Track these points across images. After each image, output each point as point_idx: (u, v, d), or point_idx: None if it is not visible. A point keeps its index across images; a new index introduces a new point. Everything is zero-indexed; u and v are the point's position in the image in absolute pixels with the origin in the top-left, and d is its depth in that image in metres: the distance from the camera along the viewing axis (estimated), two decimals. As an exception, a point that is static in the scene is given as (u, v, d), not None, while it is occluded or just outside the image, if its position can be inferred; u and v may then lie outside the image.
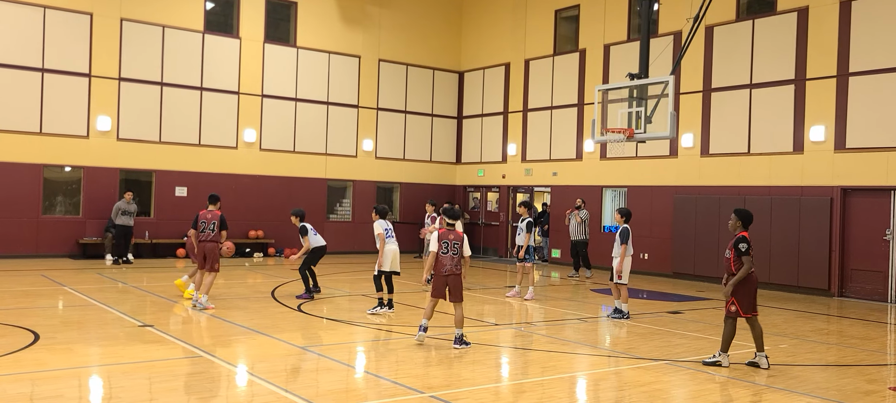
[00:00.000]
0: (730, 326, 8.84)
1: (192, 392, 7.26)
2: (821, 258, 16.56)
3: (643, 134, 14.99)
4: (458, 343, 9.48)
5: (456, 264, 9.45)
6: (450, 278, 9.46)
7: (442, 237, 9.50)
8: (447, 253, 9.43)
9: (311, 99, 23.63)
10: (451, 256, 9.43)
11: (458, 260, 9.46)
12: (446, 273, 9.45)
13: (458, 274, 9.48)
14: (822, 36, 16.85)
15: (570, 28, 23.22)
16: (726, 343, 8.86)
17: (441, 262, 9.45)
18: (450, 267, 9.44)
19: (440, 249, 9.46)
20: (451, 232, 9.54)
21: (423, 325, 9.68)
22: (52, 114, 19.56)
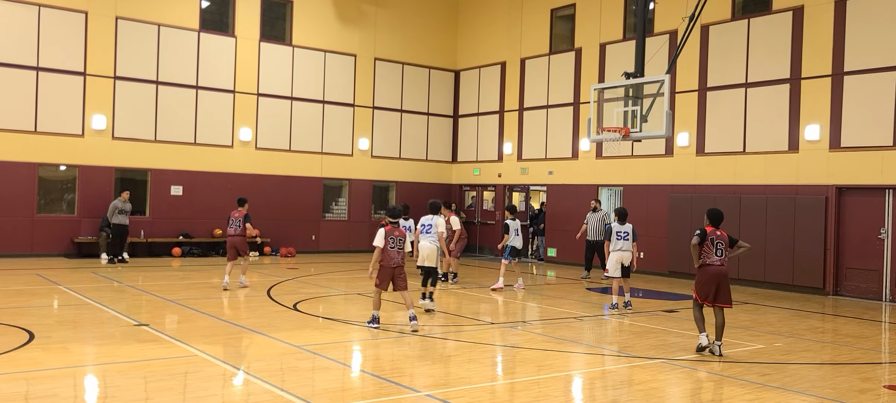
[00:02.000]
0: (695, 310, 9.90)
1: (188, 392, 7.25)
2: (816, 257, 16.61)
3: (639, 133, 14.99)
4: (414, 319, 10.48)
5: (401, 257, 10.51)
6: (396, 270, 10.49)
7: (388, 233, 10.48)
8: (393, 247, 10.45)
9: (307, 97, 23.61)
10: (397, 251, 10.45)
11: (403, 254, 10.52)
12: (394, 265, 10.46)
13: (403, 265, 10.54)
14: (818, 35, 16.89)
15: (565, 27, 23.23)
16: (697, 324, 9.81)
17: (389, 256, 10.42)
18: (397, 261, 10.45)
19: (387, 244, 10.43)
20: (396, 229, 10.58)
21: (375, 316, 10.63)
22: (47, 113, 19.51)
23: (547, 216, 23.37)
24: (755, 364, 9.06)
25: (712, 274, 9.60)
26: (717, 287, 9.56)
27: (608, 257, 13.58)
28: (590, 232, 18.92)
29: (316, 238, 23.76)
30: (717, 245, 9.62)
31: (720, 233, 9.72)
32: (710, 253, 9.58)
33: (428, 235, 12.50)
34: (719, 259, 9.62)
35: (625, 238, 13.38)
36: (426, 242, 12.49)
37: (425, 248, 12.48)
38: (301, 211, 23.44)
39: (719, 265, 9.60)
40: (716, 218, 9.78)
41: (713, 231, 9.68)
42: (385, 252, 10.40)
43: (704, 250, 9.61)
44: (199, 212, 21.70)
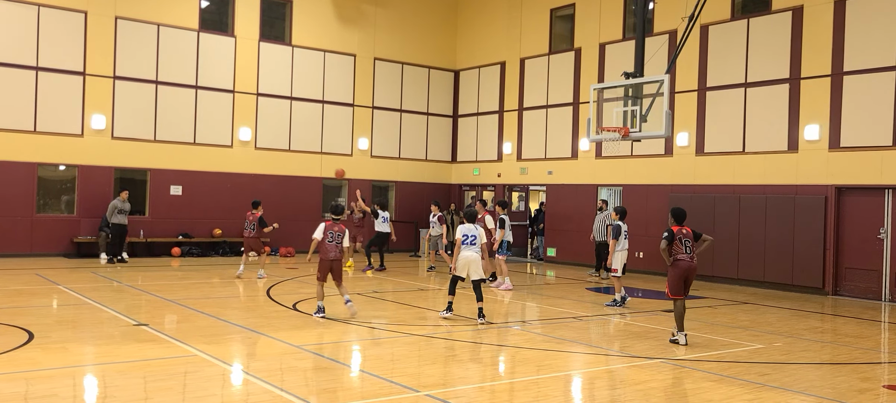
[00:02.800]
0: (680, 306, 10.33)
1: (188, 392, 7.25)
2: (815, 256, 16.61)
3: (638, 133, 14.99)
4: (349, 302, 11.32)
5: (339, 251, 11.22)
6: (334, 263, 11.24)
7: (328, 228, 11.22)
8: (332, 242, 11.21)
9: (307, 97, 23.60)
10: (335, 245, 11.21)
11: (340, 248, 11.24)
12: (331, 258, 11.20)
13: (340, 259, 11.26)
14: (817, 35, 16.89)
15: (565, 27, 23.23)
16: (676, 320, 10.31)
17: (326, 249, 11.20)
18: (335, 254, 11.21)
19: (326, 239, 11.19)
20: (336, 224, 11.33)
21: (320, 306, 11.33)
22: (47, 113, 19.50)
23: (546, 216, 23.37)
24: (754, 364, 9.06)
25: (684, 269, 10.19)
26: (685, 280, 10.24)
27: (614, 256, 13.70)
28: (596, 232, 18.94)
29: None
30: (685, 242, 10.25)
31: (686, 231, 10.33)
32: (680, 250, 10.19)
33: (472, 246, 11.40)
34: (688, 255, 10.24)
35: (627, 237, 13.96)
36: (469, 252, 11.37)
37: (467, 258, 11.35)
38: (300, 210, 23.42)
39: (690, 260, 10.23)
40: (680, 217, 10.40)
41: (679, 229, 10.27)
42: (322, 245, 11.19)
43: (674, 248, 10.19)
44: (199, 212, 21.70)
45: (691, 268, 10.22)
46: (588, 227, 20.64)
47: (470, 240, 11.41)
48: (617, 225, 13.81)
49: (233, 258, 21.32)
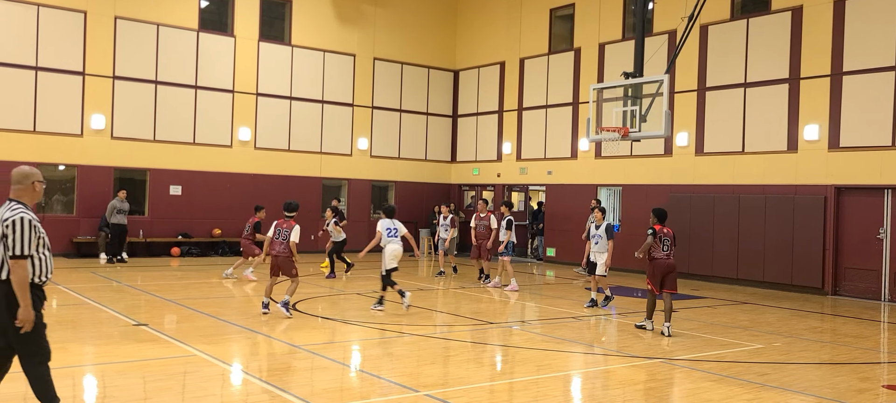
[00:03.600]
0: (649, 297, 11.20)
1: (187, 392, 7.25)
2: (815, 256, 16.61)
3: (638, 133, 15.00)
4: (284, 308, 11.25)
5: (284, 247, 11.32)
6: (279, 258, 11.38)
7: (277, 225, 11.51)
8: (277, 238, 11.44)
9: (306, 97, 23.60)
10: (280, 241, 11.37)
11: (286, 244, 11.31)
12: (276, 254, 11.38)
13: (286, 255, 11.34)
14: (816, 35, 16.89)
15: (564, 27, 23.24)
16: (647, 310, 11.22)
17: (272, 246, 11.46)
18: (278, 250, 11.36)
19: (274, 235, 11.48)
20: (285, 221, 11.51)
21: (265, 302, 11.50)
22: (46, 113, 19.50)
23: (546, 216, 23.37)
24: (754, 364, 9.06)
25: (660, 267, 10.91)
26: (663, 276, 10.89)
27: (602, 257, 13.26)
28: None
29: (315, 238, 23.73)
30: (664, 241, 10.94)
31: (667, 231, 11.03)
32: (657, 249, 10.90)
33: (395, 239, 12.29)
34: (665, 253, 10.92)
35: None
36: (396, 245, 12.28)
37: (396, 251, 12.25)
38: (300, 211, 23.27)
39: (666, 258, 10.92)
40: (663, 217, 11.12)
41: (661, 228, 10.97)
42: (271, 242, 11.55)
43: (654, 246, 10.90)
44: (198, 212, 21.69)
45: (669, 266, 10.90)
46: (587, 227, 20.62)
47: (393, 233, 12.41)
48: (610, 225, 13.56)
49: (232, 258, 21.32)
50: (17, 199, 5.64)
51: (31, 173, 5.79)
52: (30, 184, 5.75)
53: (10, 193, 5.68)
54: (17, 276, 5.35)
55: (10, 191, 5.69)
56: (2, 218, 5.49)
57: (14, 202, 5.62)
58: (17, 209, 5.53)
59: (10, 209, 5.53)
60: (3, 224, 5.45)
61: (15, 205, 5.57)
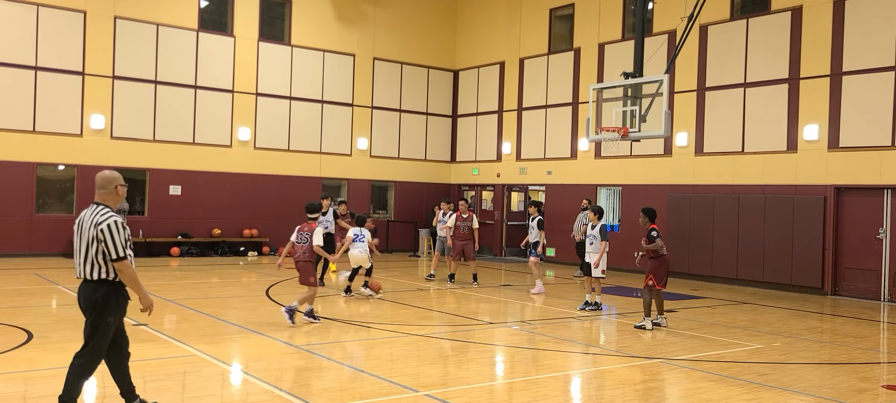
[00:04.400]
0: (647, 295, 11.37)
1: (187, 392, 7.25)
2: (814, 256, 16.62)
3: (637, 133, 15.00)
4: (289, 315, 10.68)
5: (304, 252, 10.87)
6: (299, 263, 10.91)
7: (299, 229, 11.00)
8: (299, 242, 10.98)
9: (306, 97, 23.60)
10: (302, 245, 10.92)
11: (306, 248, 10.87)
12: (297, 259, 10.93)
13: (307, 259, 10.84)
14: (816, 35, 16.89)
15: (564, 27, 23.24)
16: (647, 309, 11.33)
17: (293, 250, 11.07)
18: (299, 255, 10.92)
19: (296, 239, 11.01)
20: (307, 224, 11.04)
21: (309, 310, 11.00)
22: (46, 113, 19.50)
23: (546, 216, 23.34)
24: (754, 364, 9.06)
25: (666, 263, 11.48)
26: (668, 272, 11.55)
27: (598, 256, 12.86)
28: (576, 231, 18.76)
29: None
30: None
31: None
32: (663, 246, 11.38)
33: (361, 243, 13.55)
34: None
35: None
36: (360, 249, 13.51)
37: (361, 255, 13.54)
38: (300, 211, 23.27)
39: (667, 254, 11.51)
40: (653, 215, 11.61)
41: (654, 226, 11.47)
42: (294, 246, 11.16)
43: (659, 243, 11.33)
44: (198, 212, 21.69)
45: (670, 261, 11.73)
46: (587, 227, 20.63)
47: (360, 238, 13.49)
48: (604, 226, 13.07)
49: (232, 258, 21.33)
50: (102, 203, 5.93)
51: (113, 177, 6.05)
52: (113, 187, 6.02)
53: (95, 197, 5.99)
54: (126, 276, 5.81)
55: (94, 195, 6.01)
56: (94, 222, 5.76)
57: (100, 206, 5.90)
58: (106, 213, 5.82)
59: (99, 213, 5.82)
60: (96, 228, 5.73)
61: (103, 210, 5.85)
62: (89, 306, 5.76)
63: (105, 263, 5.75)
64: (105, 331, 5.84)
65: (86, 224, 5.79)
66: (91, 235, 5.72)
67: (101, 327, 5.80)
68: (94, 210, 5.84)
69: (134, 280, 5.82)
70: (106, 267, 5.76)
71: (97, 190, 5.98)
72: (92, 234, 5.72)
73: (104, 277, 5.77)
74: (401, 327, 10.86)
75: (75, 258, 5.85)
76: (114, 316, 5.86)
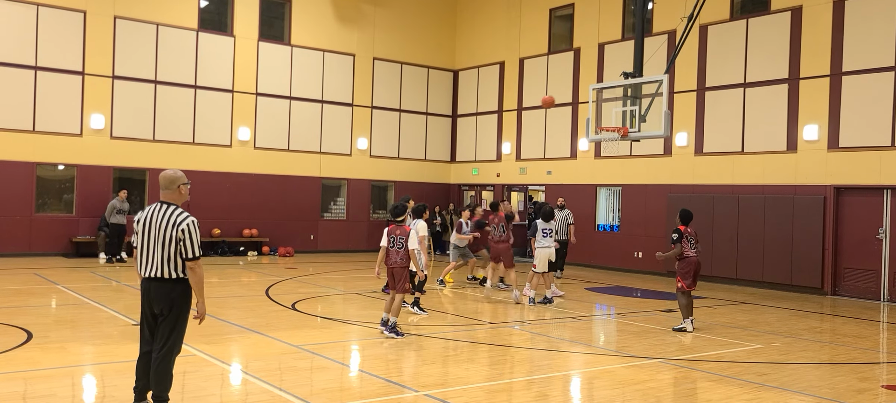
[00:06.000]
0: (680, 298, 11.32)
1: (186, 391, 7.25)
2: (814, 256, 16.62)
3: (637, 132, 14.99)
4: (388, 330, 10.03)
5: (401, 257, 10.11)
6: (395, 270, 10.17)
7: (390, 232, 10.20)
8: (393, 247, 10.17)
9: (306, 97, 23.60)
10: (396, 250, 10.14)
11: (402, 253, 10.10)
12: (391, 265, 10.19)
13: (403, 265, 10.12)
14: (816, 35, 16.90)
15: (564, 27, 23.24)
16: (683, 310, 11.29)
17: (388, 256, 10.21)
18: (395, 260, 10.15)
19: (387, 243, 10.19)
20: (398, 227, 10.22)
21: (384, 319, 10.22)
22: (46, 112, 19.49)
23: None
24: (753, 364, 9.06)
25: (695, 264, 11.32)
26: (695, 273, 11.34)
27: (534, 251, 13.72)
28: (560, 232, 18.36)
29: (314, 237, 23.76)
30: (691, 239, 11.43)
31: (691, 231, 11.49)
32: (687, 247, 11.29)
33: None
34: (694, 252, 11.38)
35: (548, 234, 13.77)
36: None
37: None
38: (299, 210, 23.43)
39: (696, 256, 11.39)
40: (687, 218, 11.50)
41: (686, 229, 11.36)
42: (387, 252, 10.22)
43: (683, 245, 11.27)
44: (198, 212, 21.62)
45: (700, 263, 11.50)
46: (587, 227, 20.67)
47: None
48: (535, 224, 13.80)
49: (232, 258, 21.33)
50: (169, 202, 6.00)
51: (176, 177, 6.08)
52: (176, 187, 6.06)
53: (161, 196, 6.05)
54: (197, 276, 5.95)
55: (159, 195, 6.07)
56: (173, 222, 5.86)
57: (169, 205, 5.97)
58: (182, 213, 5.93)
59: (175, 212, 5.92)
60: (176, 228, 5.85)
61: (178, 210, 5.94)
62: (169, 303, 5.92)
63: (182, 261, 5.91)
64: (184, 326, 6.04)
65: (161, 223, 5.87)
66: (170, 234, 5.84)
67: (182, 322, 6.00)
68: (168, 209, 5.93)
69: (201, 281, 5.98)
70: (182, 266, 5.91)
71: (162, 190, 6.05)
72: (171, 234, 5.84)
73: (181, 275, 5.93)
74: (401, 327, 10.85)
75: (143, 256, 5.95)
76: (190, 311, 6.07)
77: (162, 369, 5.96)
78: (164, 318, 5.96)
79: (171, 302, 5.93)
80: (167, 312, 5.95)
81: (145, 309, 6.04)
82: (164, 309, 5.95)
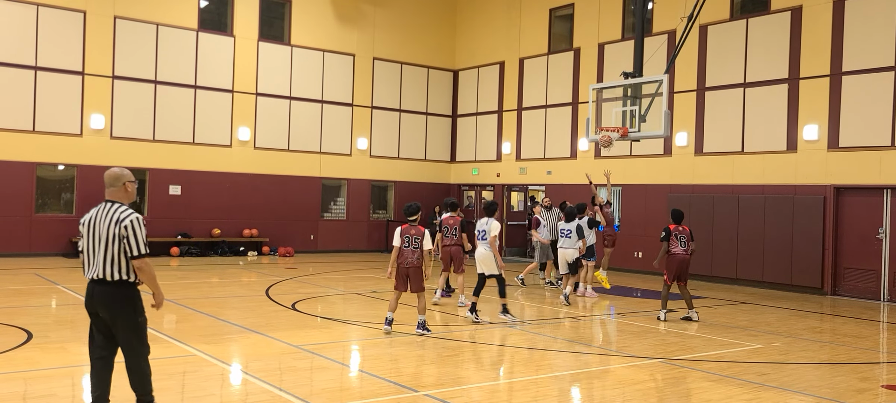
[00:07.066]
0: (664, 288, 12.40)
1: (186, 391, 7.25)
2: (814, 256, 16.62)
3: (637, 132, 15.00)
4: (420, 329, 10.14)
5: (417, 257, 10.03)
6: (411, 270, 10.05)
7: (404, 232, 10.07)
8: (408, 247, 10.03)
9: (306, 97, 23.60)
10: (411, 250, 10.03)
11: (418, 253, 10.03)
12: (407, 265, 10.05)
13: (418, 265, 10.05)
14: (816, 35, 16.90)
15: (564, 27, 23.24)
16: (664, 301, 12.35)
17: (403, 255, 10.06)
18: (411, 260, 10.03)
19: (402, 243, 10.05)
20: (413, 227, 10.11)
21: (389, 318, 10.26)
22: (46, 113, 19.49)
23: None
24: (753, 364, 9.06)
25: (677, 261, 12.20)
26: (678, 269, 12.18)
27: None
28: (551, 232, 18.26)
29: (314, 237, 23.77)
30: (680, 237, 12.26)
31: (683, 228, 12.33)
32: (675, 245, 12.20)
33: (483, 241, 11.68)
34: (683, 249, 12.23)
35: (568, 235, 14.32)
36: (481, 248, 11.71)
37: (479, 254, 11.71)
38: (299, 210, 23.43)
39: (683, 253, 12.23)
40: (679, 217, 12.38)
41: (676, 227, 12.26)
42: (400, 252, 10.08)
43: (671, 242, 12.19)
44: (198, 212, 21.69)
45: (685, 260, 12.28)
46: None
47: (481, 236, 11.85)
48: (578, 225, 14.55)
49: (232, 258, 21.33)
50: (114, 200, 5.78)
51: (121, 174, 5.86)
52: (121, 185, 5.83)
53: (106, 195, 5.82)
54: (147, 274, 5.70)
55: (104, 193, 5.83)
56: (115, 220, 5.63)
57: (114, 203, 5.75)
58: (126, 210, 5.71)
59: (119, 210, 5.69)
60: (118, 225, 5.61)
61: (122, 207, 5.73)
62: (112, 309, 5.68)
63: (126, 262, 5.66)
64: (143, 329, 5.82)
65: (103, 222, 5.66)
66: (114, 232, 5.60)
67: (138, 328, 5.77)
68: (112, 207, 5.71)
69: (153, 276, 5.74)
70: (127, 266, 5.67)
71: (107, 188, 5.83)
72: (114, 232, 5.60)
73: (125, 277, 5.68)
74: (401, 327, 10.86)
75: (88, 258, 5.72)
76: (143, 314, 5.81)
77: (139, 372, 5.83)
78: (119, 328, 5.71)
79: (116, 307, 5.66)
80: (113, 318, 5.69)
81: (91, 313, 5.80)
82: (109, 314, 5.68)
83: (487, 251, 11.63)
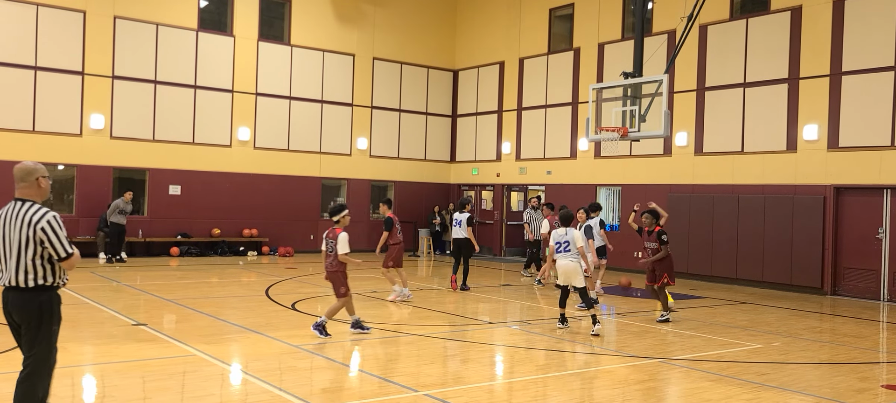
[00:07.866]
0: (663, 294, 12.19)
1: (186, 391, 7.25)
2: (814, 256, 16.62)
3: (637, 132, 15.00)
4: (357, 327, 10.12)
5: (330, 262, 9.81)
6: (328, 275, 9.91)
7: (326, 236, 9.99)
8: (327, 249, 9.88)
9: (306, 97, 23.60)
10: (327, 252, 9.87)
11: (332, 258, 9.79)
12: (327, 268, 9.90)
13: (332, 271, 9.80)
14: (816, 35, 16.90)
15: (564, 27, 23.24)
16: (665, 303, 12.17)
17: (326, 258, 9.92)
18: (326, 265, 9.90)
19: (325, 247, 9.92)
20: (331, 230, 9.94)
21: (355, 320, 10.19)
22: (45, 113, 19.49)
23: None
24: (753, 364, 9.07)
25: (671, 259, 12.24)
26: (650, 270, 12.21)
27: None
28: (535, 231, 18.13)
29: (314, 237, 23.75)
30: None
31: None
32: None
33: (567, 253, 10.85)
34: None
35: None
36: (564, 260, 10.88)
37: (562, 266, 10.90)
38: (299, 210, 23.43)
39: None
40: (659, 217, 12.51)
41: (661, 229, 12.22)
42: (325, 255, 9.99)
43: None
44: (198, 212, 21.69)
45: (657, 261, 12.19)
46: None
47: (564, 247, 10.82)
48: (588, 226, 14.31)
49: (232, 257, 21.33)
50: (25, 198, 5.21)
51: (34, 169, 5.25)
52: (34, 180, 5.22)
53: (16, 192, 5.23)
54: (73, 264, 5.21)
55: (14, 190, 5.24)
56: (28, 221, 5.07)
57: (25, 202, 5.18)
58: (39, 209, 5.13)
59: (32, 211, 5.12)
60: (33, 228, 5.05)
61: (34, 206, 5.15)
62: (25, 317, 5.15)
63: (43, 266, 5.10)
64: (53, 341, 5.25)
65: (13, 224, 5.09)
66: (27, 235, 5.03)
67: (50, 338, 5.21)
68: (23, 206, 5.13)
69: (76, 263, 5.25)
70: (43, 271, 5.11)
71: (17, 183, 5.20)
72: (28, 235, 5.03)
73: (41, 283, 5.12)
74: (401, 327, 10.86)
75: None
76: (58, 323, 5.27)
77: (31, 387, 5.27)
78: (30, 335, 5.20)
79: (30, 316, 5.13)
80: (27, 327, 5.18)
81: (8, 322, 5.31)
82: (22, 323, 5.18)
83: (572, 262, 10.80)
